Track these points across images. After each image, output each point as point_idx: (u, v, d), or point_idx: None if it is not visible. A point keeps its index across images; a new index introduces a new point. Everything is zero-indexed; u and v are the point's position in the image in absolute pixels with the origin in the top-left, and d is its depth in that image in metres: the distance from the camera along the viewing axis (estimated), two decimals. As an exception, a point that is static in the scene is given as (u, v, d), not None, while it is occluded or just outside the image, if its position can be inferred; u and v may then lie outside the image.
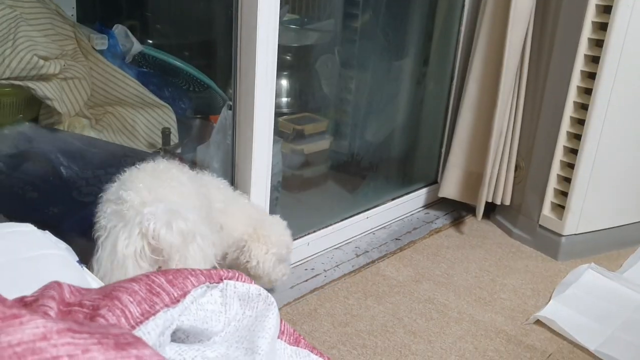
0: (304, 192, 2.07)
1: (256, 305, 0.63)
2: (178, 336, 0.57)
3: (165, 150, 1.92)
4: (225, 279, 0.62)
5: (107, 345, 0.36)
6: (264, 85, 1.47)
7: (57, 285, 0.49)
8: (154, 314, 0.50)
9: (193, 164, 1.89)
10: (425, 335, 1.52)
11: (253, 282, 0.65)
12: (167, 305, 0.52)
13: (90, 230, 1.60)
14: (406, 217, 2.15)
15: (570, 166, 1.87)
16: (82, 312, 0.46)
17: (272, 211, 1.78)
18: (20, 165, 1.69)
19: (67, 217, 1.56)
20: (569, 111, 1.83)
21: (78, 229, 1.58)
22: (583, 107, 1.81)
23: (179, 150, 1.94)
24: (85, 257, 1.54)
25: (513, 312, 1.65)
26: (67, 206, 1.59)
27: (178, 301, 0.54)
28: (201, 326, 0.56)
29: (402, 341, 1.49)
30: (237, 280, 0.63)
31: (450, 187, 2.10)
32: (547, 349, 1.50)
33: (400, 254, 1.91)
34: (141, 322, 0.49)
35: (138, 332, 0.48)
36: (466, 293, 1.72)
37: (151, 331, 0.49)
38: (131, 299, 0.49)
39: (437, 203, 2.26)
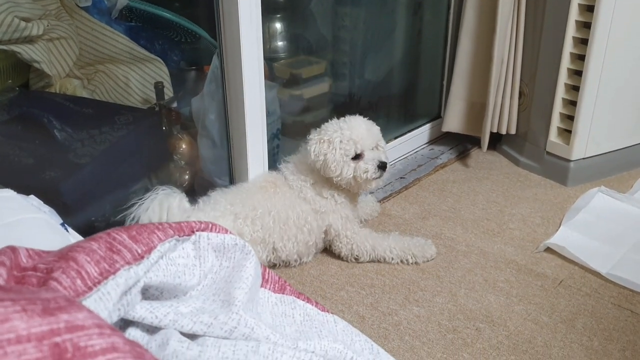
0: (306, 138, 2.03)
1: (233, 256, 0.61)
2: (151, 293, 0.55)
3: (160, 105, 1.88)
4: (197, 230, 0.59)
5: (32, 312, 0.34)
6: (249, 27, 1.42)
7: (10, 250, 0.47)
8: (113, 273, 0.48)
9: (189, 117, 1.86)
10: (434, 270, 1.51)
11: (228, 232, 0.62)
12: (128, 263, 0.50)
13: (89, 190, 1.59)
14: (410, 154, 2.11)
15: (575, 89, 1.80)
16: (35, 276, 0.44)
17: (273, 159, 1.75)
18: (14, 132, 1.67)
19: (65, 180, 1.55)
20: (571, 31, 1.75)
21: (76, 190, 1.57)
22: (585, 25, 1.73)
23: (174, 104, 1.91)
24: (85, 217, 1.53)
25: (523, 241, 1.63)
26: (64, 169, 1.58)
27: (142, 257, 0.51)
28: (173, 281, 0.54)
29: (410, 278, 1.48)
30: (211, 231, 0.60)
31: (454, 120, 2.06)
32: (558, 275, 1.49)
33: (405, 192, 1.88)
34: (99, 282, 0.47)
35: (97, 293, 0.46)
36: (474, 226, 1.70)
37: (111, 291, 0.47)
38: (88, 259, 0.47)
39: (441, 138, 2.21)
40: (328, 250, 1.58)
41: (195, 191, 1.73)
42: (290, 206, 1.48)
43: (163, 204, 1.38)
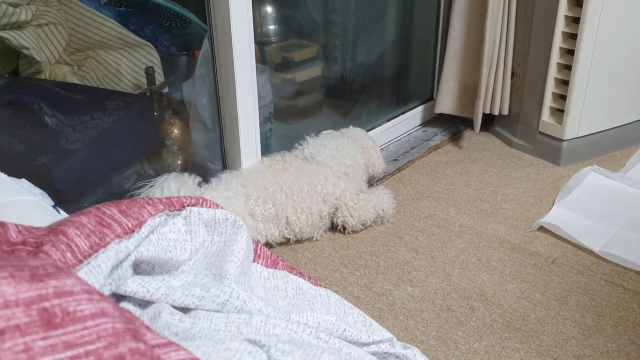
0: (299, 122, 2.03)
1: (224, 230, 0.61)
2: (143, 268, 0.55)
3: (151, 90, 1.87)
4: (187, 205, 0.59)
5: (20, 278, 0.34)
6: (240, 10, 1.41)
7: (-1, 226, 0.47)
8: (104, 246, 0.48)
9: (181, 102, 1.85)
10: (427, 250, 1.52)
11: (219, 207, 0.62)
12: (119, 237, 0.50)
13: (81, 176, 1.59)
14: (403, 137, 2.11)
15: (568, 68, 1.80)
16: (25, 250, 0.44)
17: (266, 144, 1.75)
18: (4, 119, 1.66)
19: (57, 166, 1.54)
20: (563, 9, 1.75)
21: (69, 176, 1.56)
22: (577, 3, 1.73)
23: (165, 90, 1.90)
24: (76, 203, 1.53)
25: (516, 221, 1.63)
26: (56, 155, 1.57)
27: (132, 231, 0.51)
28: (164, 256, 0.54)
29: (404, 259, 1.49)
30: (202, 206, 0.60)
31: (447, 102, 2.05)
32: (551, 254, 1.49)
33: (399, 174, 1.88)
34: (89, 255, 0.47)
35: (87, 266, 0.46)
36: (467, 206, 1.70)
37: (102, 264, 0.47)
38: (78, 232, 0.47)
39: (434, 120, 2.21)
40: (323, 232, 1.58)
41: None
42: (304, 172, 1.53)
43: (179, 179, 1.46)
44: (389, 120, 2.07)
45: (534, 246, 1.53)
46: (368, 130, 1.99)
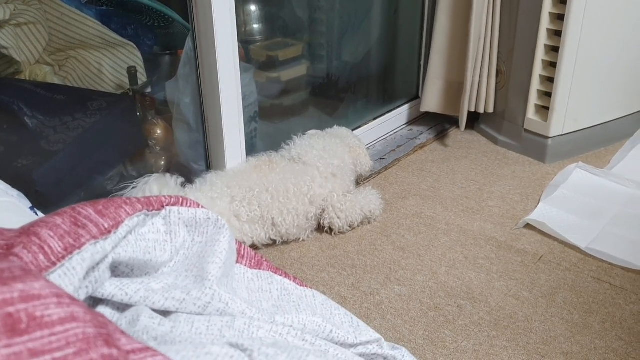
0: (285, 121, 2.02)
1: (206, 230, 0.59)
2: (121, 271, 0.53)
3: (134, 90, 1.85)
4: (167, 205, 0.57)
5: (-19, 282, 0.32)
6: (223, 8, 1.39)
7: (-32, 227, 0.45)
8: (78, 248, 0.46)
9: (164, 102, 1.83)
10: (414, 249, 1.51)
11: (200, 206, 0.60)
12: (94, 237, 0.48)
13: (62, 178, 1.56)
14: (389, 135, 2.10)
15: (553, 65, 1.80)
16: (-5, 252, 0.42)
17: (251, 143, 1.73)
18: (-17, 121, 1.63)
19: (38, 168, 1.52)
20: (547, 7, 1.75)
21: (50, 178, 1.54)
22: (562, 0, 1.73)
23: (148, 89, 1.87)
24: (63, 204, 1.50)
25: (502, 218, 1.63)
26: (37, 157, 1.54)
27: (109, 232, 0.49)
28: (143, 257, 0.52)
29: (391, 257, 1.48)
30: (182, 205, 0.58)
31: (432, 100, 2.05)
32: (538, 251, 1.49)
33: (385, 173, 1.87)
34: (63, 257, 0.45)
35: (61, 269, 0.44)
36: (453, 204, 1.69)
37: (77, 266, 0.45)
38: (52, 234, 0.45)
39: (420, 118, 2.20)
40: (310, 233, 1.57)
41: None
42: (291, 173, 1.51)
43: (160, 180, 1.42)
44: (375, 119, 2.06)
45: (521, 244, 1.52)
46: (354, 129, 1.98)
